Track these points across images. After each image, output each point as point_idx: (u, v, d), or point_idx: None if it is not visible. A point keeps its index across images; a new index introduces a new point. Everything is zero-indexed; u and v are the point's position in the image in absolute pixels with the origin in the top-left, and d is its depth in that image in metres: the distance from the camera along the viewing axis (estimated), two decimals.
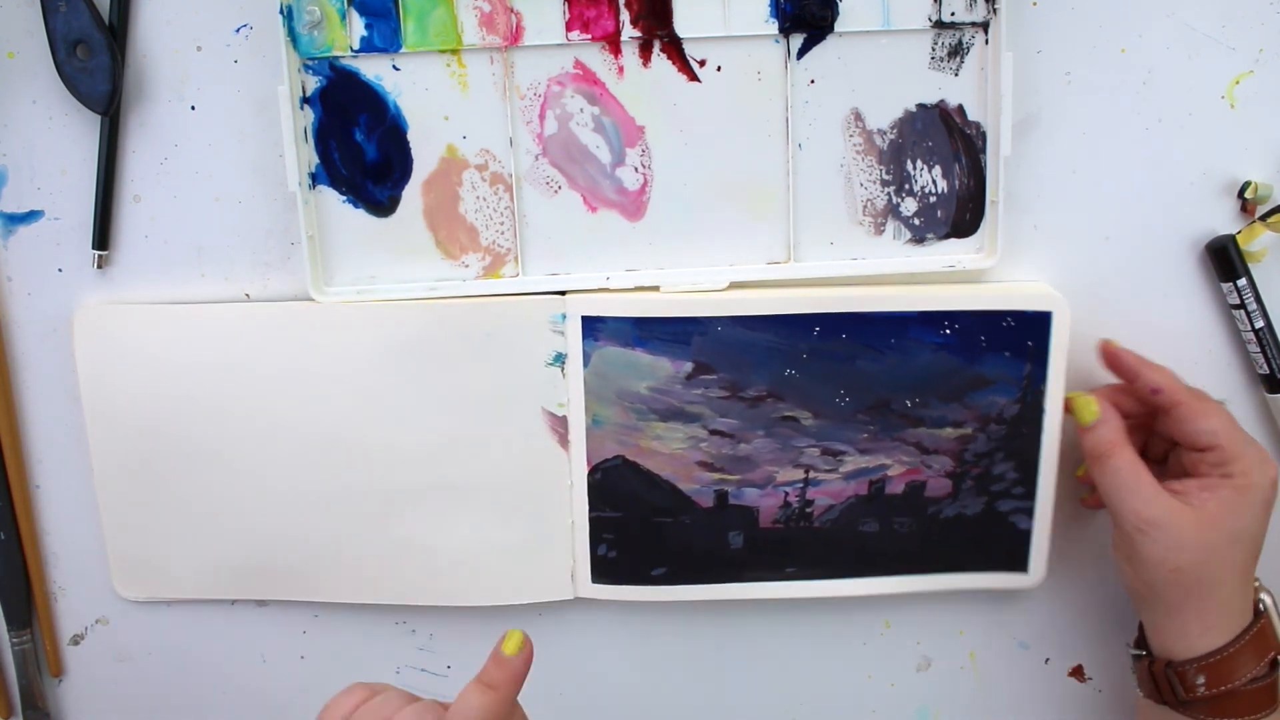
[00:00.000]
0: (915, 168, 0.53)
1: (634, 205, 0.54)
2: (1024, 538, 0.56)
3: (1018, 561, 0.57)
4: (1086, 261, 0.56)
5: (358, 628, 0.59)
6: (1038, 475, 0.55)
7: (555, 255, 0.54)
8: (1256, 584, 0.52)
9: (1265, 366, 0.56)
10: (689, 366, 0.54)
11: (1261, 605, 0.52)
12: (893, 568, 0.57)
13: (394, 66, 0.51)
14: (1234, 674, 0.50)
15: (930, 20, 0.52)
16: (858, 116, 0.53)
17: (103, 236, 0.54)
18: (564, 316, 0.53)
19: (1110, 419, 0.52)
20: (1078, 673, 0.61)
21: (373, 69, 0.51)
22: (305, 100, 0.51)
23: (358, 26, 0.51)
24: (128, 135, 0.53)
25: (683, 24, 0.51)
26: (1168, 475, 0.53)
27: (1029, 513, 0.56)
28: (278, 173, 0.52)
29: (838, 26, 0.51)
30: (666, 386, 0.54)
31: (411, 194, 0.53)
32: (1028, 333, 0.53)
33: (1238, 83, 0.54)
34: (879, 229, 0.54)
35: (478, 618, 0.58)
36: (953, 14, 0.51)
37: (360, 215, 0.53)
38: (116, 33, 0.51)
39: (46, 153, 0.53)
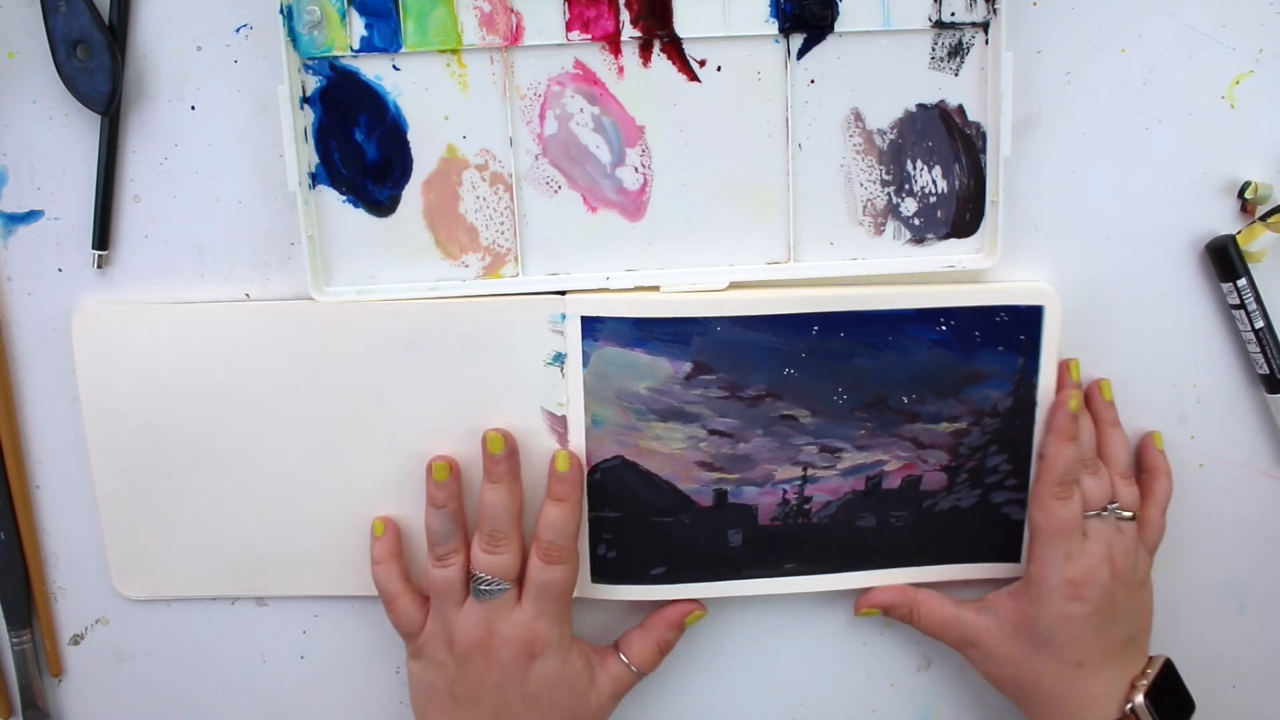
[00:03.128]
0: (915, 168, 0.53)
1: (634, 205, 0.54)
2: (1016, 528, 0.57)
3: (1010, 551, 0.57)
4: (1086, 261, 0.56)
5: (358, 628, 0.59)
6: (1030, 466, 0.56)
7: (555, 255, 0.54)
8: (1142, 683, 0.53)
9: (1265, 366, 0.56)
10: (688, 367, 0.54)
11: (1129, 707, 0.53)
12: (889, 561, 0.57)
13: (394, 66, 0.51)
14: None
15: (930, 20, 0.52)
16: (858, 116, 0.53)
17: (103, 236, 0.54)
18: (563, 316, 0.53)
19: (890, 600, 0.57)
20: None
21: (373, 69, 0.51)
22: (305, 100, 0.51)
23: (358, 26, 0.51)
24: (128, 135, 0.53)
25: (683, 24, 0.51)
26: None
27: (1021, 503, 0.56)
28: (278, 173, 0.52)
29: (838, 26, 0.51)
30: (666, 387, 0.54)
31: (411, 194, 0.53)
32: (1020, 327, 0.54)
33: (1238, 83, 0.54)
34: (879, 229, 0.54)
35: None
36: (953, 14, 0.51)
37: (360, 215, 0.53)
38: (116, 33, 0.51)
39: (46, 153, 0.53)
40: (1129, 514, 0.54)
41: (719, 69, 0.52)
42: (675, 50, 0.52)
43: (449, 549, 0.53)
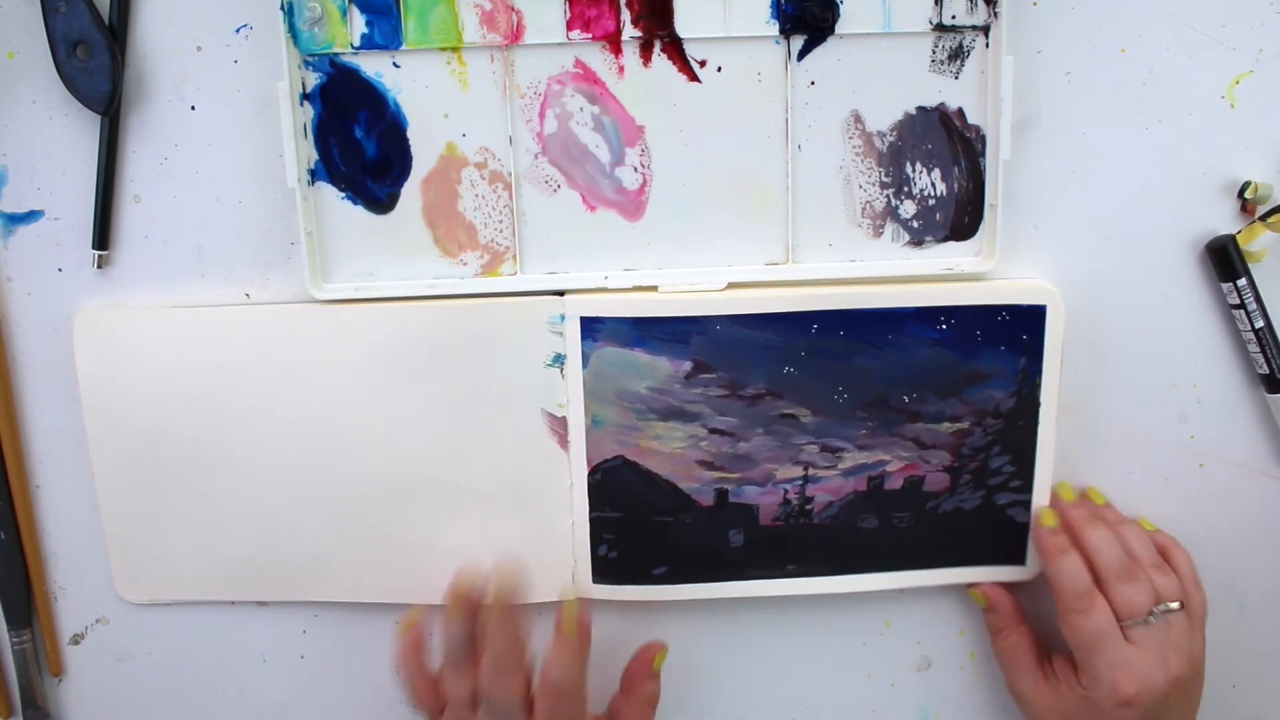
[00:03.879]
0: (914, 170, 0.53)
1: (633, 205, 0.54)
2: (1020, 530, 0.57)
3: (1015, 554, 0.57)
4: (1086, 262, 0.56)
5: (358, 628, 0.59)
6: (1034, 468, 0.55)
7: (553, 254, 0.54)
8: None
9: (1265, 366, 0.56)
10: (688, 366, 0.54)
11: None
12: (892, 563, 0.57)
13: (394, 64, 0.51)
14: None
15: (931, 23, 0.52)
16: (857, 118, 0.53)
17: (103, 236, 0.54)
18: (563, 317, 0.53)
19: (998, 606, 0.57)
20: None
21: (373, 66, 0.51)
22: (305, 97, 0.52)
23: (358, 23, 0.51)
24: (128, 135, 0.53)
25: (683, 24, 0.51)
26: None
27: (1026, 505, 0.56)
28: (278, 173, 0.52)
29: (838, 28, 0.51)
30: (666, 386, 0.54)
31: (410, 191, 0.53)
32: (1023, 326, 0.54)
33: (1238, 83, 0.54)
34: (878, 231, 0.54)
35: None
36: (953, 17, 0.51)
37: (359, 212, 0.53)
38: (116, 33, 0.51)
39: (46, 153, 0.53)
40: (1175, 605, 0.53)
41: (719, 69, 0.52)
42: (676, 50, 0.52)
43: (458, 663, 0.52)
